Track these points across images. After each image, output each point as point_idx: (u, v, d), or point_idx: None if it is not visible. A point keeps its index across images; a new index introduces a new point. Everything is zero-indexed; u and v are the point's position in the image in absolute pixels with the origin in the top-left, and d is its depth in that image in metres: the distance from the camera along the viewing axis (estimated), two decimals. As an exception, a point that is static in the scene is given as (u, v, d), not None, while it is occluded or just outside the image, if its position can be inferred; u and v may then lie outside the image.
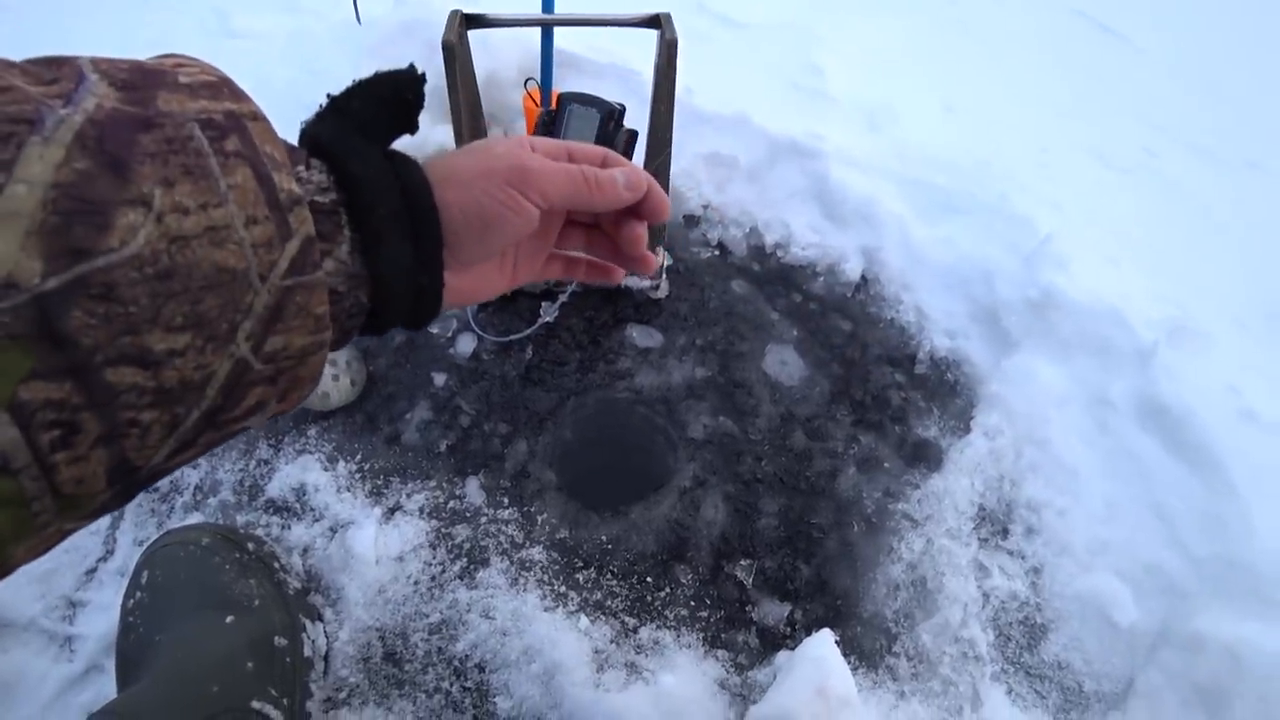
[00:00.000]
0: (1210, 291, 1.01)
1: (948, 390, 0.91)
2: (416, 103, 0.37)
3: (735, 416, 0.87)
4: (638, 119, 0.84)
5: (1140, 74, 1.43)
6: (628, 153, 0.79)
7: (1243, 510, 0.75)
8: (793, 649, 0.72)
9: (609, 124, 0.79)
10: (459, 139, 0.80)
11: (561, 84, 1.13)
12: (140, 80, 0.26)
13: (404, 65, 0.38)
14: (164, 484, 0.81)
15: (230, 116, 0.28)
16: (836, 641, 0.71)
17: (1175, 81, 1.42)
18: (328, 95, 0.35)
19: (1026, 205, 1.04)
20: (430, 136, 1.04)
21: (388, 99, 0.36)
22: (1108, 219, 1.10)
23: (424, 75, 0.37)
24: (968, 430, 0.88)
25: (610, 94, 0.86)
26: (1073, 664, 0.75)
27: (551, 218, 0.45)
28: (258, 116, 0.29)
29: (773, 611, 0.76)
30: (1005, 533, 0.82)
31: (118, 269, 0.23)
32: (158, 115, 0.26)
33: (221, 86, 0.29)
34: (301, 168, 0.32)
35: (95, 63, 0.26)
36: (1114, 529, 0.79)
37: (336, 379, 0.83)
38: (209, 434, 0.28)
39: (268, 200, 0.28)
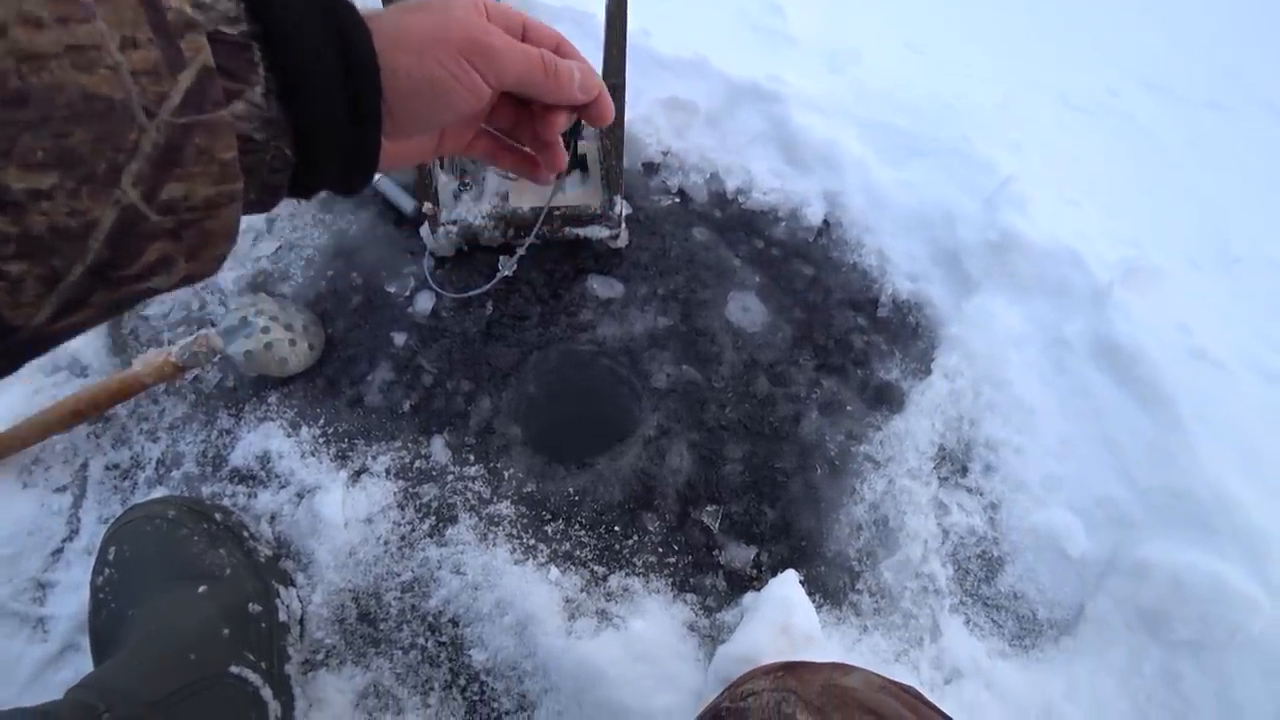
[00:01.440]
0: (1166, 231, 1.02)
1: (909, 333, 0.92)
2: None
3: (698, 364, 0.87)
4: (592, 63, 0.81)
5: (1104, 13, 1.42)
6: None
7: (1187, 442, 0.78)
8: (759, 590, 0.74)
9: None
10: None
11: (514, 29, 1.09)
12: None
13: None
14: (124, 460, 0.80)
15: None
16: (801, 581, 0.74)
17: (1141, 21, 1.40)
18: None
19: (988, 147, 1.04)
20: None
21: None
22: (1068, 160, 1.10)
23: None
24: (928, 372, 0.89)
25: (565, 36, 0.83)
26: (1027, 594, 0.78)
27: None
28: None
29: (739, 555, 0.78)
30: (964, 471, 0.84)
31: None
32: None
33: None
34: None
35: None
36: (1068, 465, 0.81)
37: (294, 344, 0.82)
38: (102, 293, 0.25)
39: (150, 21, 0.23)
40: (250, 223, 0.94)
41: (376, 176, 0.95)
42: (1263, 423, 0.81)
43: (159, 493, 0.77)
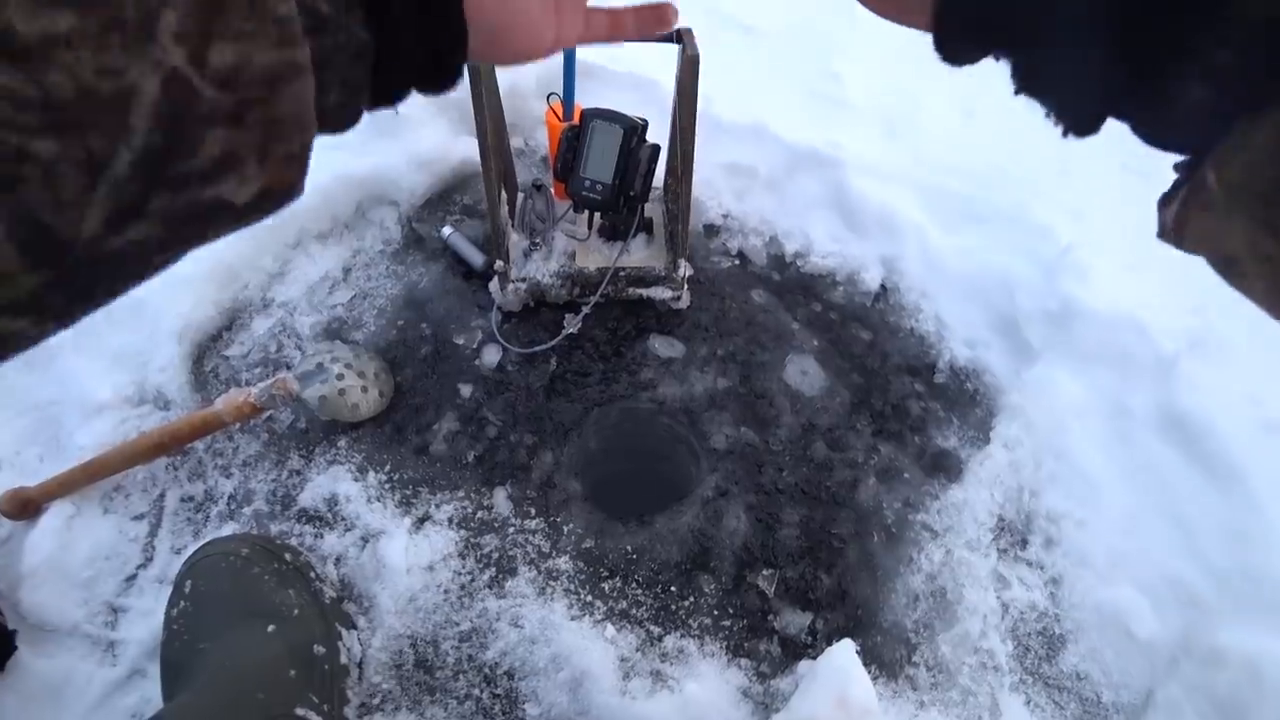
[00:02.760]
0: (1229, 300, 1.00)
1: (967, 400, 0.92)
2: None
3: (757, 427, 0.88)
4: (658, 130, 0.85)
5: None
6: (650, 169, 0.80)
7: (1264, 522, 0.76)
8: (814, 658, 0.73)
9: (632, 139, 0.80)
10: (483, 153, 0.81)
11: (579, 92, 1.14)
12: None
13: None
14: (199, 493, 0.83)
15: None
16: (857, 651, 0.73)
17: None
18: None
19: (1046, 213, 1.04)
20: (453, 149, 1.05)
21: None
22: (1128, 227, 1.09)
23: None
24: (987, 441, 0.88)
25: (628, 102, 0.87)
26: (1091, 675, 0.76)
27: None
28: None
29: (794, 621, 0.77)
30: (1024, 544, 0.82)
31: None
32: None
33: None
34: None
35: None
36: (1133, 540, 0.79)
37: (365, 390, 0.85)
38: (162, 195, 0.20)
39: None
40: (328, 271, 0.99)
41: (447, 231, 0.99)
42: (1342, 504, 0.79)
43: (230, 527, 0.80)
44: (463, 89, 0.79)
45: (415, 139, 1.05)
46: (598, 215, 0.89)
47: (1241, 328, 0.98)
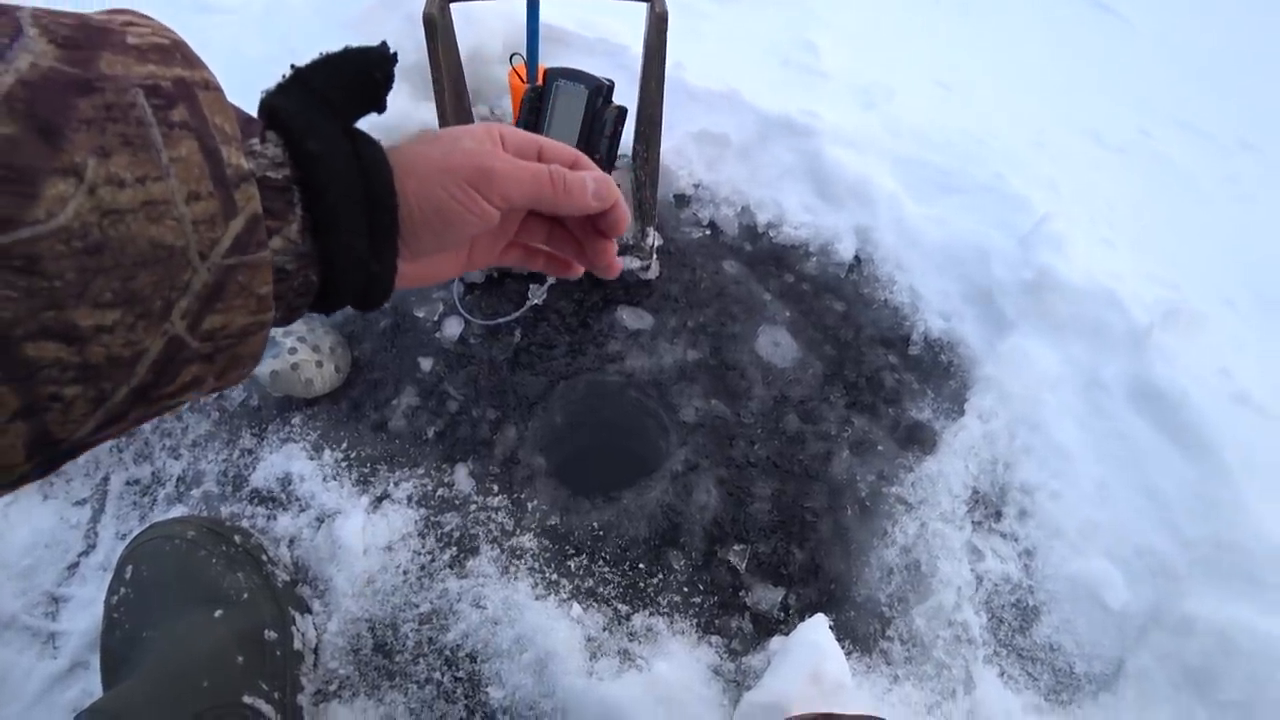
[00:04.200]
0: (1203, 273, 1.01)
1: (942, 372, 0.91)
2: (385, 82, 0.35)
3: (727, 399, 0.86)
4: (627, 95, 0.82)
5: (1137, 53, 1.41)
6: (616, 132, 0.77)
7: (1234, 492, 0.75)
8: (787, 634, 0.71)
9: (597, 100, 0.76)
10: (442, 117, 0.77)
11: (548, 60, 1.10)
12: (84, 38, 0.24)
13: (377, 42, 0.36)
14: (145, 476, 0.79)
15: (180, 84, 0.26)
16: (830, 626, 0.71)
17: (1171, 60, 1.40)
18: (292, 66, 0.34)
19: (1022, 184, 1.03)
20: (413, 114, 1.01)
21: (355, 76, 0.34)
22: (1102, 199, 1.09)
23: (395, 55, 0.36)
24: (962, 413, 0.87)
25: (599, 70, 0.84)
26: (1064, 646, 0.75)
27: (514, 211, 0.43)
28: (210, 85, 0.27)
29: (766, 597, 0.75)
30: (998, 515, 0.81)
31: (43, 241, 0.22)
32: (99, 78, 0.24)
33: (174, 50, 0.27)
34: (255, 140, 0.31)
35: (36, 15, 0.24)
36: (1106, 511, 0.79)
37: (320, 365, 0.81)
38: (139, 409, 0.27)
39: (212, 175, 0.26)
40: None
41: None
42: (1310, 472, 0.79)
43: (178, 510, 0.76)
44: (422, 51, 0.75)
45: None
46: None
47: (1213, 300, 0.98)
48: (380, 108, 0.36)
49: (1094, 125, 1.23)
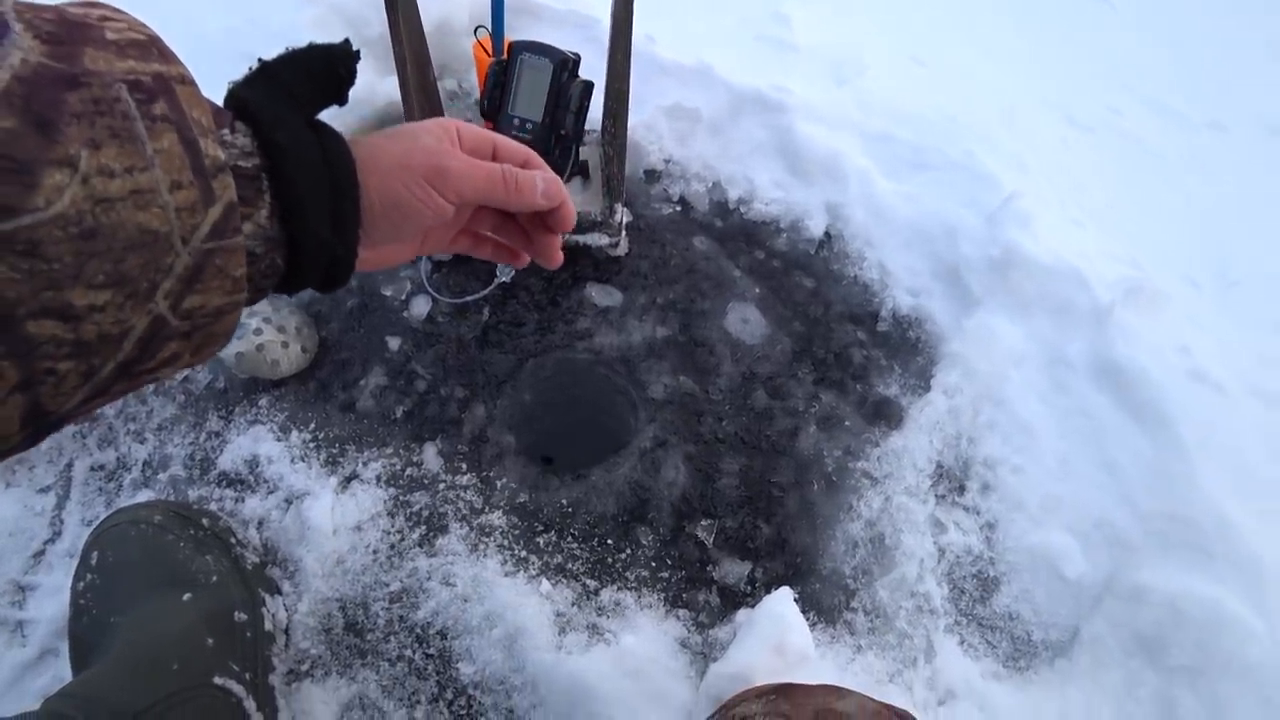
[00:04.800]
0: (1167, 252, 1.02)
1: (909, 348, 0.92)
2: (348, 78, 0.38)
3: (696, 376, 0.86)
4: (596, 69, 0.81)
5: (1110, 31, 1.41)
6: (583, 106, 0.76)
7: (1188, 467, 0.77)
8: (753, 607, 0.73)
9: (562, 74, 0.75)
10: (404, 92, 0.76)
11: (518, 32, 1.08)
12: (66, 34, 0.26)
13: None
14: (110, 461, 0.78)
15: (159, 79, 0.28)
16: (796, 599, 0.73)
17: (1143, 39, 1.40)
18: (259, 60, 0.36)
19: (992, 162, 1.03)
20: (377, 89, 0.99)
21: (319, 72, 0.37)
22: (1071, 177, 1.10)
23: (358, 52, 0.38)
24: (928, 388, 0.88)
25: (568, 44, 0.83)
26: (1022, 614, 0.77)
27: (466, 204, 0.46)
28: (186, 80, 0.29)
29: (733, 570, 0.77)
30: (962, 489, 0.83)
31: (43, 227, 0.24)
32: (85, 74, 0.25)
33: (150, 46, 0.28)
34: (226, 130, 0.33)
35: (18, 10, 0.25)
36: (1066, 485, 0.80)
37: (286, 346, 0.80)
38: (122, 383, 0.29)
39: (193, 166, 0.28)
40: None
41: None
42: (1262, 447, 0.81)
43: (145, 495, 0.76)
44: (385, 22, 0.74)
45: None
46: (529, 158, 0.84)
47: (1176, 280, 1.00)
48: (342, 101, 0.38)
49: (1065, 103, 1.23)
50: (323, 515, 0.74)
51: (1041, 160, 1.09)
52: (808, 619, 0.73)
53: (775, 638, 0.68)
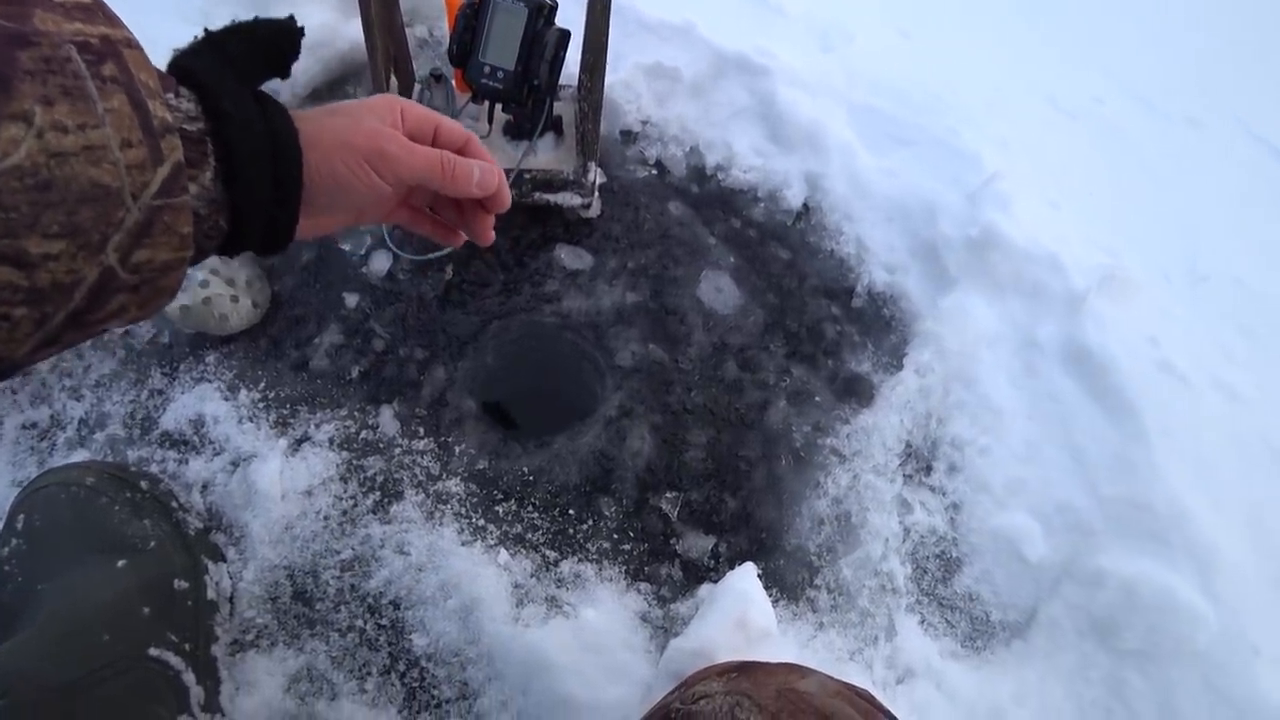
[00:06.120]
0: (1141, 242, 1.02)
1: (883, 325, 0.90)
2: (291, 52, 0.39)
3: (666, 344, 0.84)
4: (573, 20, 0.76)
5: (1095, 16, 1.40)
6: (557, 56, 0.72)
7: (1149, 455, 0.78)
8: (716, 582, 0.72)
9: (538, 20, 0.71)
10: (368, 33, 0.71)
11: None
12: None
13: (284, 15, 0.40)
14: (43, 419, 0.74)
15: (106, 42, 0.29)
16: (759, 575, 0.72)
17: (1132, 29, 1.39)
18: (204, 30, 0.37)
19: (974, 141, 1.01)
20: (342, 32, 0.93)
21: (264, 45, 0.38)
22: (1052, 162, 1.08)
23: (302, 29, 0.40)
24: (900, 367, 0.87)
25: (544, -11, 0.78)
26: (982, 595, 0.77)
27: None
28: (132, 44, 0.30)
29: (697, 544, 0.75)
30: (929, 470, 0.83)
31: (1, 178, 0.25)
32: (35, 33, 0.26)
33: (96, 10, 0.29)
34: (171, 95, 0.34)
35: None
36: (1031, 469, 0.80)
37: (236, 300, 0.76)
38: (71, 332, 0.30)
39: (142, 126, 0.29)
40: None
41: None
42: (1220, 438, 0.82)
43: (80, 456, 0.71)
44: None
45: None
46: (500, 109, 0.80)
47: (1149, 270, 1.00)
48: (285, 75, 0.39)
49: (1051, 88, 1.22)
50: (271, 479, 0.70)
51: (1024, 143, 1.08)
52: (771, 595, 0.72)
53: (737, 614, 0.67)
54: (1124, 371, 0.82)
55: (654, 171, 0.95)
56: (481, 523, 0.72)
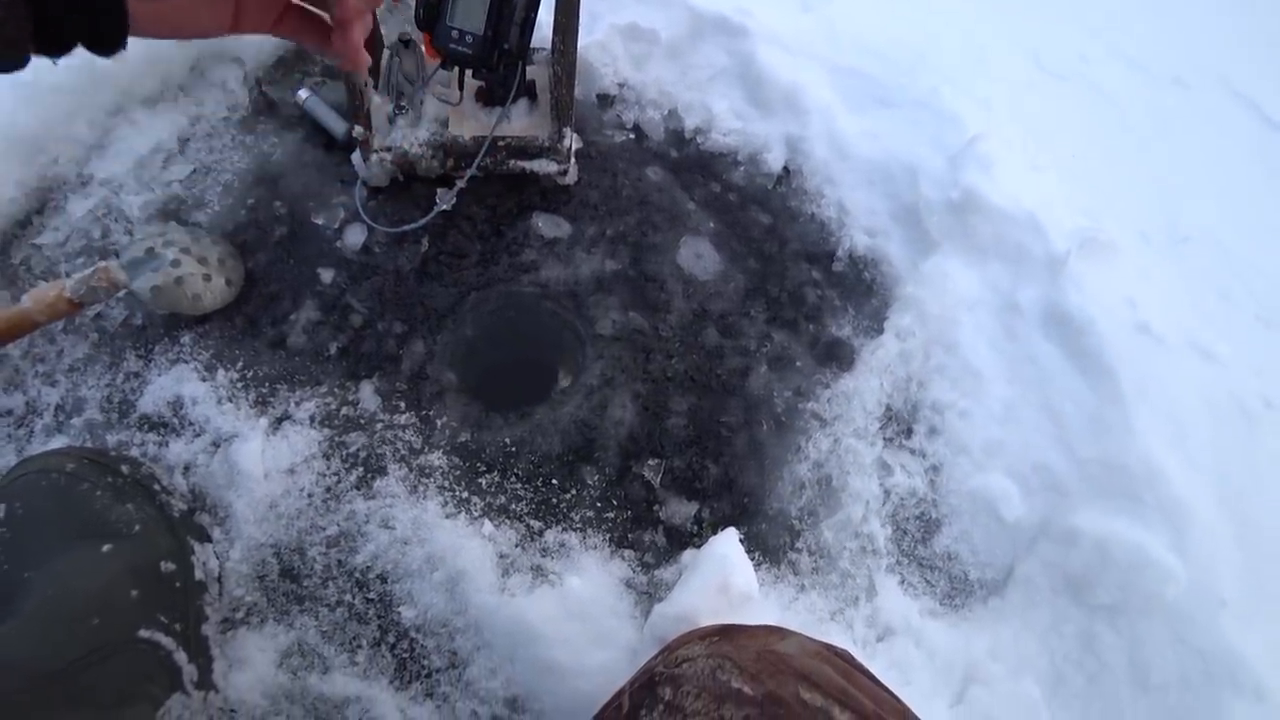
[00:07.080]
0: (1122, 204, 1.01)
1: (864, 290, 0.90)
2: None
3: (646, 312, 0.84)
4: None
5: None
6: (528, 19, 0.70)
7: (1125, 416, 0.79)
8: (699, 547, 0.73)
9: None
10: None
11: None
12: None
13: None
14: (18, 406, 0.73)
15: None
16: (741, 539, 0.73)
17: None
18: None
19: (957, 102, 1.00)
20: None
21: None
22: (1035, 123, 1.07)
23: None
24: (880, 331, 0.87)
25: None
26: (960, 555, 0.79)
27: None
28: None
29: (680, 511, 0.76)
30: (909, 432, 0.83)
31: None
32: None
33: None
34: None
35: None
36: (1010, 431, 0.81)
37: (209, 278, 0.75)
38: None
39: None
40: (160, 142, 0.86)
41: (304, 95, 0.86)
42: (1195, 400, 0.83)
43: (58, 442, 0.71)
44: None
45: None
46: (470, 75, 0.78)
47: (1128, 232, 1.00)
48: None
49: (1035, 47, 1.20)
50: (253, 458, 0.70)
51: (1007, 103, 1.07)
52: (753, 559, 0.73)
53: (720, 578, 0.68)
54: (1102, 334, 0.82)
55: (631, 136, 0.94)
56: (465, 495, 0.73)
